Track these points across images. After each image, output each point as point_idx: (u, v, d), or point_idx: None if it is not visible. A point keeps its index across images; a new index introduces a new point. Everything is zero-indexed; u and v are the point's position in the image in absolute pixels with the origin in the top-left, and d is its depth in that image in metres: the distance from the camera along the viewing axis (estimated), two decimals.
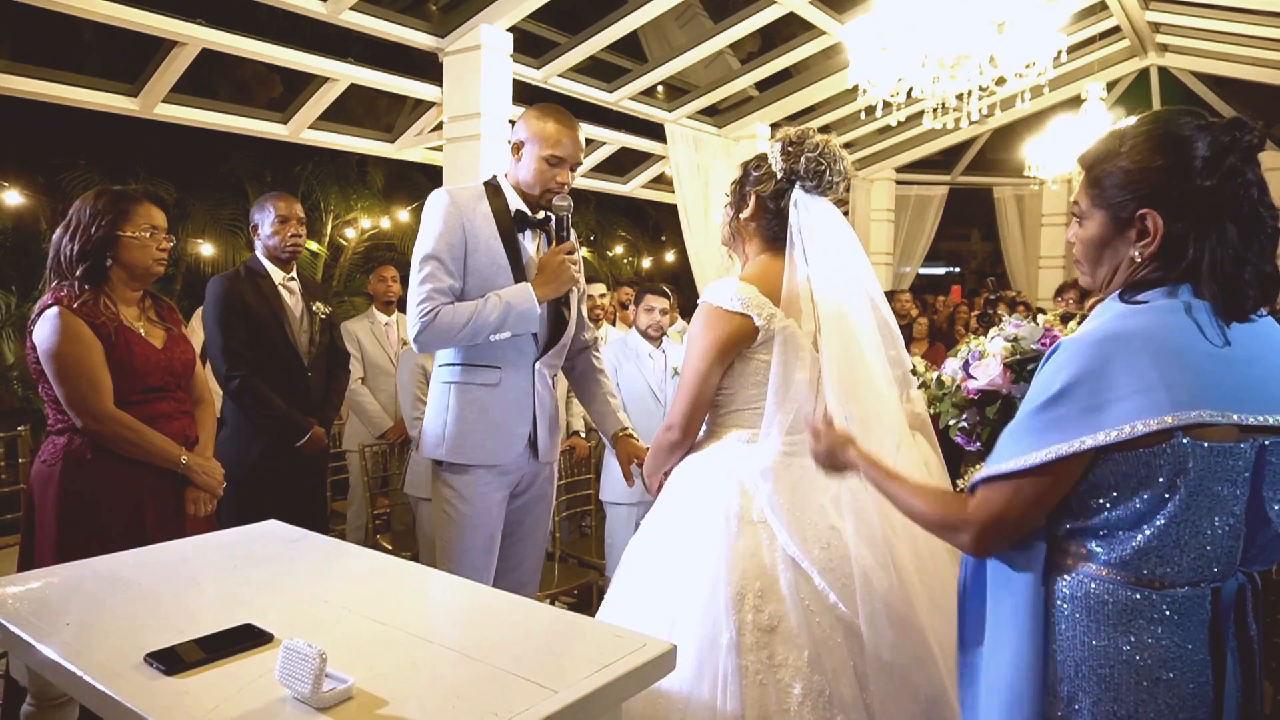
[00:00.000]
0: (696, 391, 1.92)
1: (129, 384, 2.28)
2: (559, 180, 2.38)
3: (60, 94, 4.43)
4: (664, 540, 1.92)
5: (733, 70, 7.01)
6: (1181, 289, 1.22)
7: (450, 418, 2.36)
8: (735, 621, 1.71)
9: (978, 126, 8.54)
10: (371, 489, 4.03)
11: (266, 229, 3.07)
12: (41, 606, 1.52)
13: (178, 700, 1.18)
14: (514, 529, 2.50)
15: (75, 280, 2.26)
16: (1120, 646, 1.21)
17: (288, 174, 9.86)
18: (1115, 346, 1.19)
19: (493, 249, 2.34)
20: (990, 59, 4.30)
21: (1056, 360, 1.24)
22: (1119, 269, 1.29)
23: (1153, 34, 7.86)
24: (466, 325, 2.25)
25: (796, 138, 1.94)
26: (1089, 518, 1.23)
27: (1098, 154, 1.31)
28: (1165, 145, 1.22)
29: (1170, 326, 1.19)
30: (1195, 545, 1.18)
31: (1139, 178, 1.23)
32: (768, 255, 1.98)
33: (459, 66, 4.99)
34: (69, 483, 2.23)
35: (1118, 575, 1.22)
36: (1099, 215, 1.29)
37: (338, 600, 1.57)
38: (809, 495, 1.83)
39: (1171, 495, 1.17)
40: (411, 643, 1.43)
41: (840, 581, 1.74)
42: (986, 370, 1.43)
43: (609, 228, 14.64)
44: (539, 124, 2.38)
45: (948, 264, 20.91)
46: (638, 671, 1.32)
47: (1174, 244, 1.22)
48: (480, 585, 1.78)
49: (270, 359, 2.98)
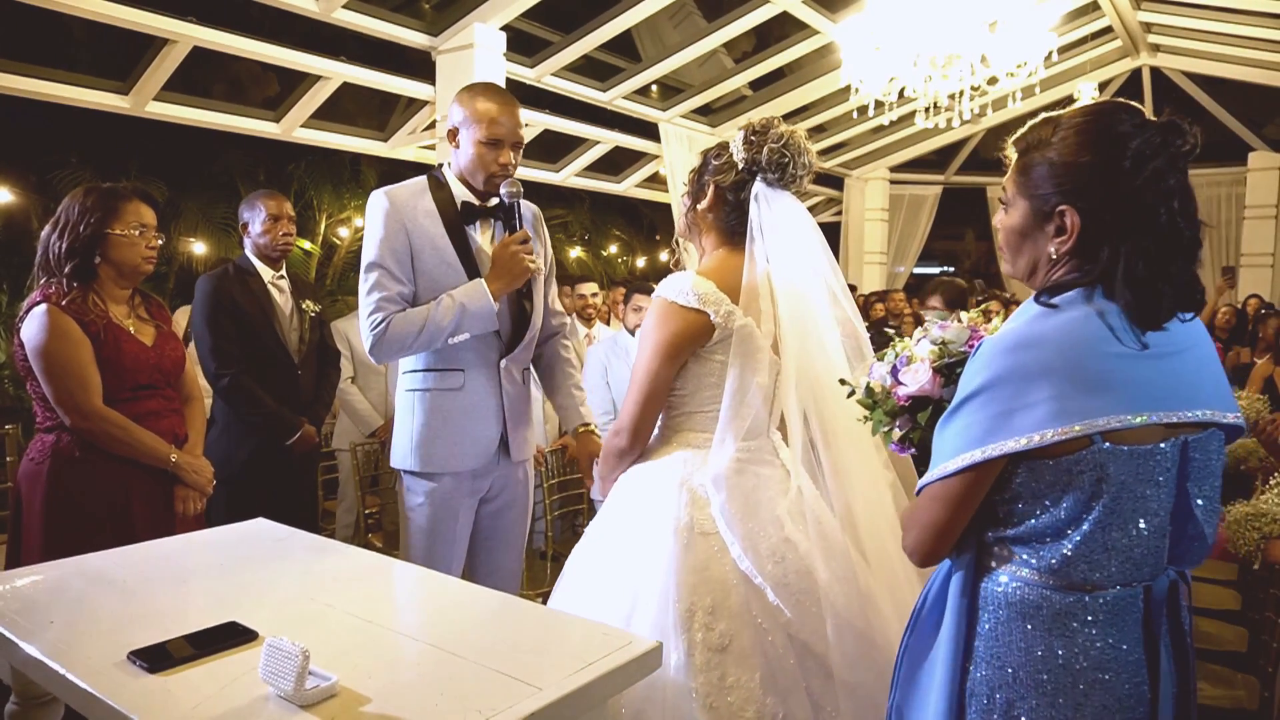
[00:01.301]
0: (648, 392, 1.80)
1: (118, 382, 2.27)
2: (500, 163, 2.22)
3: (51, 92, 4.42)
4: (610, 551, 1.82)
5: (726, 70, 7.02)
6: (1096, 292, 1.19)
7: (417, 426, 2.27)
8: (685, 641, 1.61)
9: (971, 126, 8.56)
10: (362, 488, 4.02)
11: (257, 227, 3.06)
12: (26, 605, 1.51)
13: (161, 698, 1.18)
14: (489, 534, 2.42)
15: (64, 278, 2.25)
16: (1055, 650, 1.20)
17: (281, 172, 9.84)
18: (1025, 353, 1.17)
19: (439, 247, 2.23)
20: (982, 58, 4.31)
21: (972, 364, 1.22)
22: (1039, 263, 1.27)
23: (1145, 34, 7.89)
24: (421, 332, 2.15)
25: (760, 127, 1.83)
26: (1015, 525, 1.22)
27: (1029, 140, 1.27)
28: (1096, 142, 1.19)
29: (1082, 330, 1.16)
30: (1123, 548, 1.17)
31: (1063, 172, 1.20)
32: (726, 249, 1.87)
33: (452, 65, 4.99)
34: (57, 481, 2.21)
35: (1049, 580, 1.20)
36: (1022, 204, 1.26)
37: (323, 598, 1.57)
38: (764, 505, 1.74)
39: (1095, 501, 1.15)
40: (397, 640, 1.43)
41: (795, 598, 1.66)
42: (915, 376, 1.40)
43: (603, 227, 14.63)
44: (471, 104, 2.21)
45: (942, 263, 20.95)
46: (622, 669, 1.31)
47: (1090, 244, 1.20)
48: (468, 583, 1.77)
49: (260, 357, 2.97)
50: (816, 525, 1.73)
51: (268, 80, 8.22)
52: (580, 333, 4.90)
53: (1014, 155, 1.30)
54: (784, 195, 1.84)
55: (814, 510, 1.75)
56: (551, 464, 3.81)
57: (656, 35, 6.86)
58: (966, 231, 19.42)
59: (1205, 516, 1.22)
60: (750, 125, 1.85)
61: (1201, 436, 1.20)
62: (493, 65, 4.99)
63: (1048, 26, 4.42)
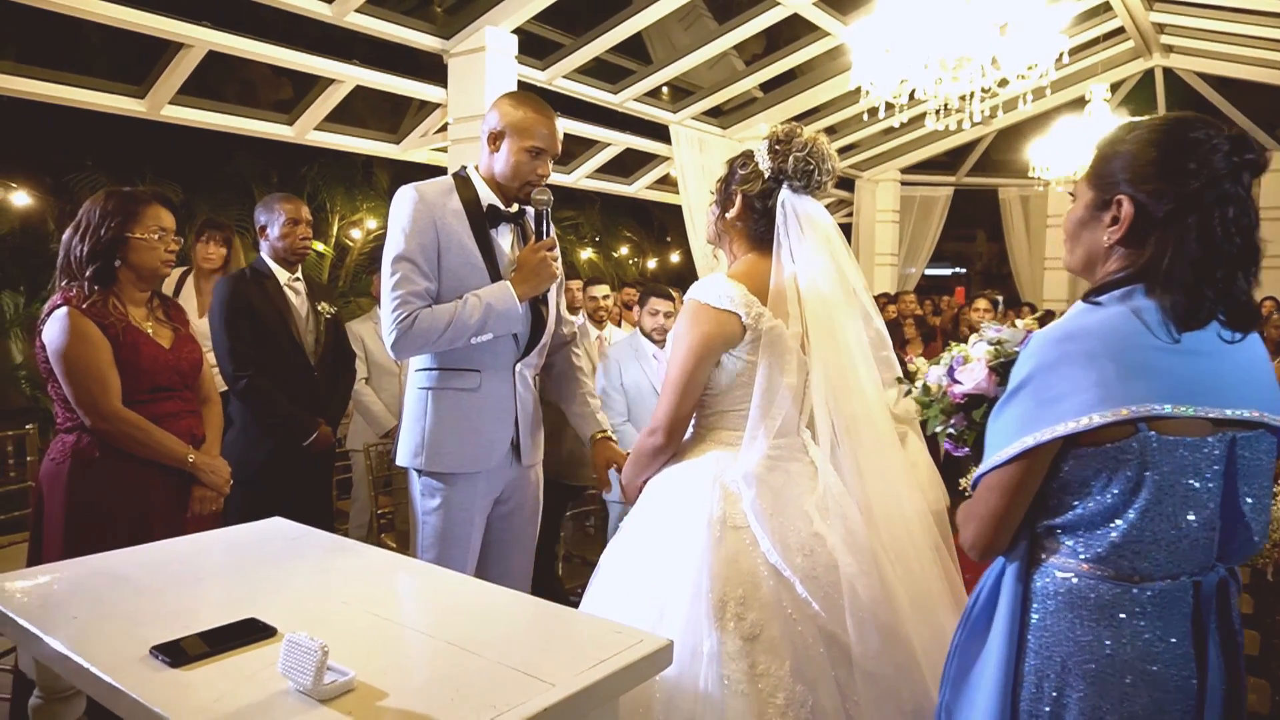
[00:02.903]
0: (682, 391, 1.86)
1: (137, 383, 2.30)
2: (539, 173, 2.27)
3: (67, 96, 4.47)
4: (645, 544, 1.88)
5: (737, 72, 7.03)
6: (1135, 291, 1.23)
7: (428, 424, 2.26)
8: (717, 630, 1.67)
9: (982, 128, 8.55)
10: (375, 488, 4.05)
11: (275, 231, 3.09)
12: (49, 601, 1.54)
13: (183, 692, 1.20)
14: (499, 537, 2.42)
15: (85, 281, 2.28)
16: (1104, 640, 1.23)
17: (293, 175, 9.90)
18: (1071, 343, 1.22)
19: (465, 247, 2.24)
20: (993, 60, 4.31)
21: (1021, 357, 1.28)
22: (1094, 255, 1.32)
23: (1157, 35, 7.85)
24: (446, 329, 2.15)
25: (784, 136, 1.89)
26: (1063, 514, 1.26)
27: (1108, 138, 1.34)
28: (1166, 140, 1.24)
29: (1120, 324, 1.21)
30: (1170, 539, 1.20)
31: (1129, 164, 1.26)
32: (754, 254, 1.94)
33: (464, 68, 5.02)
34: (77, 481, 2.25)
35: (1097, 570, 1.24)
36: (1087, 194, 1.33)
37: (339, 595, 1.59)
38: (793, 501, 1.80)
39: (1140, 489, 1.19)
40: (411, 637, 1.45)
41: (823, 590, 1.71)
42: (972, 374, 1.47)
43: (614, 228, 14.66)
44: (516, 113, 2.26)
45: (953, 264, 20.88)
46: (633, 666, 1.33)
47: (1137, 236, 1.25)
48: (482, 582, 1.79)
49: (276, 359, 3.00)
50: (843, 521, 1.78)
51: (281, 83, 8.28)
52: (592, 334, 4.92)
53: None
54: (808, 201, 1.90)
55: (840, 506, 1.80)
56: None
57: (667, 37, 6.87)
58: (978, 232, 19.38)
59: (1254, 515, 1.25)
60: (774, 134, 1.91)
61: (1250, 436, 1.23)
62: (504, 68, 5.01)
63: (1059, 28, 4.41)
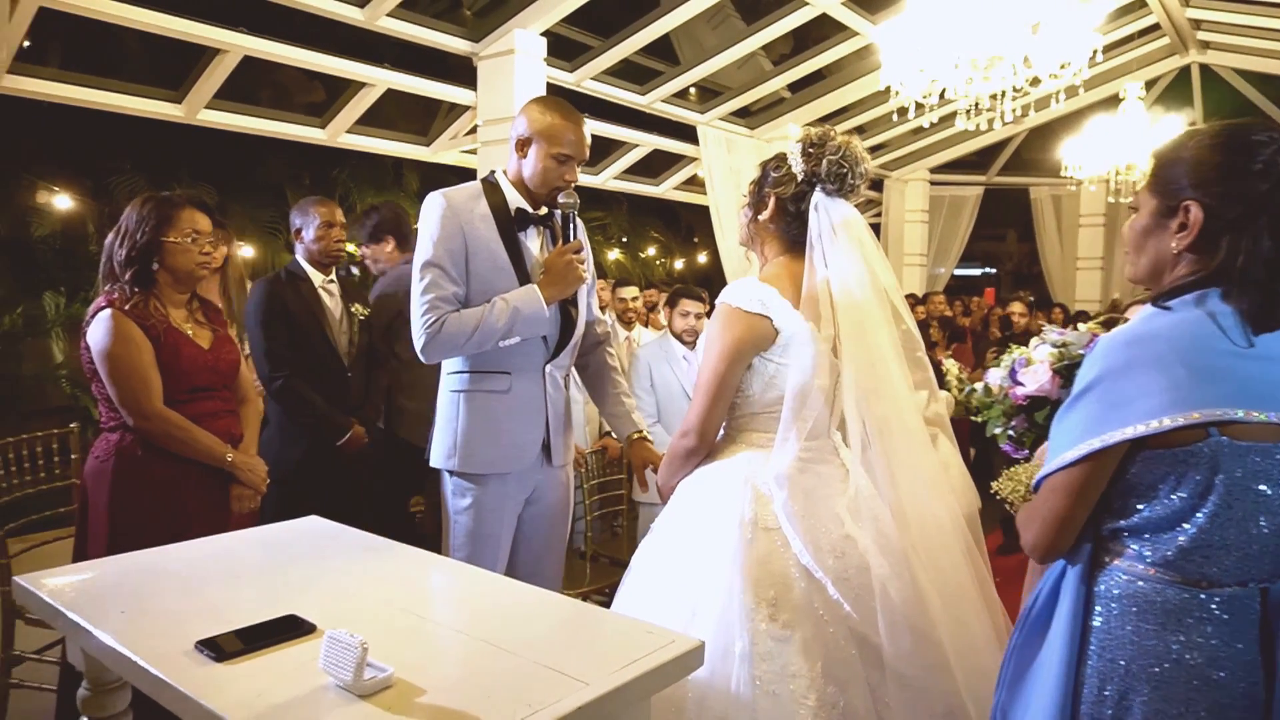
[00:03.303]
0: (714, 393, 1.86)
1: (177, 384, 2.35)
2: (567, 178, 2.29)
3: (108, 101, 4.57)
4: (677, 545, 1.88)
5: (765, 72, 7.02)
6: (1210, 295, 1.23)
7: (460, 427, 2.29)
8: (749, 630, 1.67)
9: (1013, 126, 8.45)
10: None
11: (310, 234, 3.14)
12: (96, 596, 1.58)
13: (227, 685, 1.24)
14: (530, 537, 2.44)
15: (125, 283, 2.34)
16: (1170, 645, 1.22)
17: (325, 177, 10.02)
18: (1140, 347, 1.21)
19: (493, 251, 2.26)
20: (1024, 59, 4.26)
21: (1089, 360, 1.27)
22: (1161, 262, 1.31)
23: (1193, 31, 7.72)
24: (474, 333, 2.18)
25: (818, 139, 1.89)
26: (1129, 516, 1.25)
27: (1168, 146, 1.34)
28: (1229, 145, 1.24)
29: (1193, 328, 1.20)
30: (1240, 544, 1.19)
31: (1193, 169, 1.25)
32: (787, 257, 1.94)
33: (493, 71, 5.06)
34: (121, 478, 2.31)
35: (1165, 574, 1.23)
36: (1150, 202, 1.32)
37: (375, 593, 1.62)
38: (824, 503, 1.79)
39: (1209, 494, 1.18)
40: (446, 635, 1.48)
41: (854, 592, 1.71)
42: (1035, 376, 1.49)
43: (641, 229, 14.67)
44: (544, 120, 2.27)
45: (983, 265, 20.65)
46: (666, 667, 1.34)
47: (1209, 240, 1.24)
48: (515, 581, 1.81)
49: (311, 360, 3.05)
50: (874, 523, 1.78)
51: (314, 87, 8.39)
52: (620, 335, 4.93)
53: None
54: (841, 203, 1.90)
55: (871, 508, 1.80)
56: (591, 465, 3.85)
57: (695, 38, 6.88)
58: (1009, 232, 19.14)
59: None
60: (808, 137, 1.90)
61: None
62: (533, 70, 5.05)
63: (1092, 26, 4.35)
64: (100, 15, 3.94)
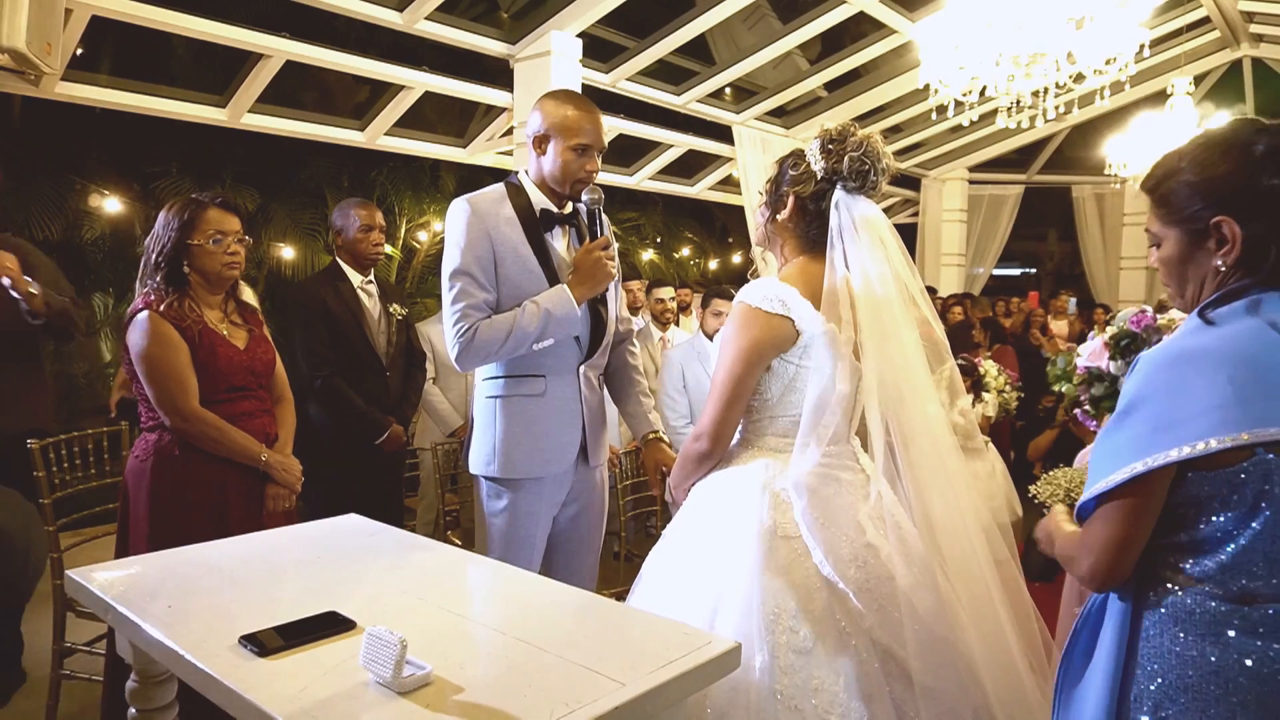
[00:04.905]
0: (730, 397, 1.80)
1: (213, 384, 2.39)
2: (588, 170, 2.26)
3: (156, 106, 4.67)
4: (693, 552, 1.82)
5: (801, 71, 6.97)
6: (1266, 300, 1.20)
7: (499, 433, 2.28)
8: (769, 644, 1.62)
9: (1055, 124, 8.29)
10: (442, 485, 4.13)
11: (350, 235, 3.19)
12: (143, 591, 1.62)
13: (270, 680, 1.26)
14: (566, 538, 2.44)
15: (160, 286, 2.37)
16: (1208, 656, 1.20)
17: (364, 179, 10.14)
18: (1187, 365, 1.18)
19: (521, 254, 2.25)
20: (1068, 55, 4.18)
21: (1131, 379, 1.25)
22: (1205, 282, 1.28)
23: (1245, 24, 7.52)
24: (507, 339, 2.17)
25: (837, 135, 1.83)
26: (1175, 534, 1.23)
27: (1158, 175, 1.30)
28: (1227, 151, 1.21)
29: (1246, 341, 1.17)
30: None
31: (1205, 187, 1.23)
32: (806, 257, 1.88)
33: (529, 72, 5.09)
34: (159, 477, 2.35)
35: (1206, 587, 1.21)
36: (1173, 233, 1.29)
37: (414, 591, 1.63)
38: (844, 511, 1.74)
39: (1257, 512, 1.15)
40: (484, 633, 1.49)
41: (877, 603, 1.66)
42: (1090, 348, 1.64)
43: (675, 229, 14.64)
44: (559, 113, 2.25)
45: (1023, 265, 20.32)
46: (702, 668, 1.34)
47: (1255, 248, 1.21)
48: (552, 581, 1.81)
49: (351, 360, 3.09)
50: (896, 531, 1.73)
51: (358, 88, 8.50)
52: (655, 336, 4.93)
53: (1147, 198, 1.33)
54: (863, 201, 1.84)
55: (893, 516, 1.75)
56: (625, 465, 3.85)
57: (730, 38, 6.85)
58: (1049, 232, 18.80)
59: None
60: (827, 133, 1.84)
61: None
62: (569, 71, 5.07)
63: (1139, 21, 4.26)
64: (149, 23, 4.03)
